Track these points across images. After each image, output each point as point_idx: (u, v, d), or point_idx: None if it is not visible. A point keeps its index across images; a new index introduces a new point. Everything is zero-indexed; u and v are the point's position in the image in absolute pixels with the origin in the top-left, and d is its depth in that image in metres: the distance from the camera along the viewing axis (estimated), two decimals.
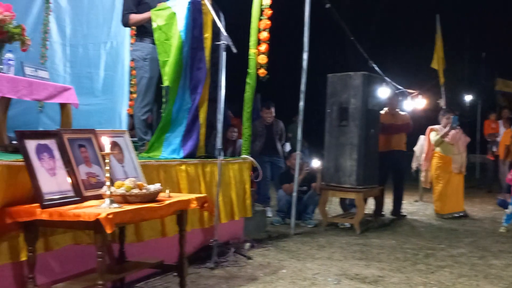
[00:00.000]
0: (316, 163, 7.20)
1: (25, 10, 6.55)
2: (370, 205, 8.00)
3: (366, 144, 6.79)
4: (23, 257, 3.13)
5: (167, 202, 3.40)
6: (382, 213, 7.96)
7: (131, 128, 6.64)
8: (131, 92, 7.07)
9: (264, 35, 5.74)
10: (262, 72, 5.75)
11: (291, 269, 4.70)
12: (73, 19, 7.00)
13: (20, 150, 3.08)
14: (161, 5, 5.18)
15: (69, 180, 3.25)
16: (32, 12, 6.76)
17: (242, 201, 5.62)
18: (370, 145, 6.94)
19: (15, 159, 3.17)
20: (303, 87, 6.35)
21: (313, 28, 6.42)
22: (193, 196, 3.77)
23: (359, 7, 19.25)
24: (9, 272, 3.13)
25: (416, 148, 9.30)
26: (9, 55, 4.38)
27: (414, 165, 9.40)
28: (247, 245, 5.45)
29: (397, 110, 8.15)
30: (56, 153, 3.25)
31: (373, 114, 7.03)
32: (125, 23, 5.40)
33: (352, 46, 10.01)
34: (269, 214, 7.43)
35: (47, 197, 3.03)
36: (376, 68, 9.50)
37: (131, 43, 6.76)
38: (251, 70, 5.75)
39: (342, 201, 7.68)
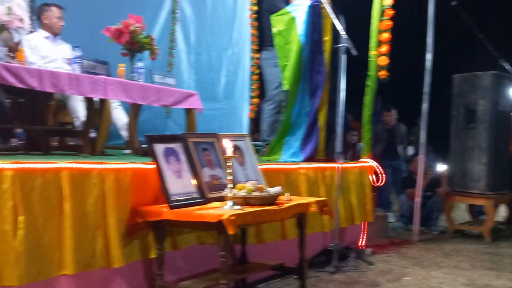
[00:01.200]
0: (441, 167, 6.91)
1: (152, 20, 6.95)
2: (502, 212, 7.51)
3: (496, 147, 6.41)
4: (153, 255, 3.30)
5: (287, 205, 3.42)
6: None
7: (252, 132, 6.78)
8: (252, 97, 7.23)
9: (385, 36, 5.60)
10: (383, 74, 5.62)
11: (415, 276, 4.54)
12: (197, 28, 7.29)
13: (150, 153, 3.25)
14: (281, 11, 5.26)
15: (193, 182, 3.38)
16: (159, 22, 7.15)
17: (363, 206, 5.52)
18: (501, 149, 6.54)
19: (145, 162, 3.36)
20: (426, 88, 6.13)
21: (438, 26, 6.18)
22: (313, 199, 3.76)
23: (489, 2, 18.17)
24: (140, 268, 3.32)
25: None
26: (139, 64, 4.66)
27: None
28: (368, 250, 5.35)
29: None
30: (182, 156, 3.40)
31: (504, 115, 6.62)
32: None
33: (481, 44, 9.46)
34: (391, 219, 7.24)
35: (174, 198, 3.18)
36: (508, 67, 8.91)
37: (252, 49, 6.90)
38: (372, 72, 5.64)
39: (470, 208, 7.30)
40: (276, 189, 3.47)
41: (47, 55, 5.15)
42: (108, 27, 4.57)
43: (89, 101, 4.31)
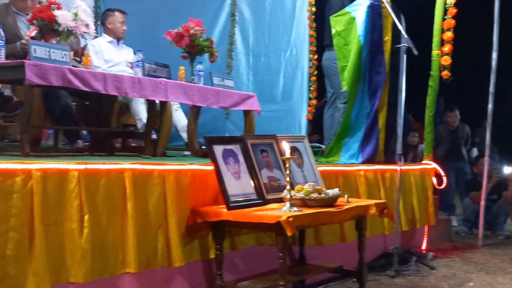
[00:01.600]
0: (507, 169, 6.67)
1: (212, 23, 7.06)
2: None
3: None
4: (212, 255, 3.34)
5: (345, 207, 3.39)
6: None
7: (310, 134, 6.75)
8: (310, 98, 7.20)
9: (448, 35, 5.46)
10: (446, 74, 5.48)
11: (479, 282, 4.40)
12: (255, 30, 7.34)
13: (209, 154, 3.30)
14: (340, 11, 5.22)
15: (252, 183, 3.40)
16: (219, 25, 7.25)
17: (424, 209, 5.40)
18: None
19: (204, 163, 3.41)
20: (492, 88, 5.93)
21: (503, 24, 5.98)
22: (372, 202, 3.71)
23: None
24: (200, 268, 3.36)
25: None
26: (199, 67, 4.73)
27: None
28: (430, 254, 5.23)
29: None
30: (241, 158, 3.43)
31: None
32: None
33: None
34: (454, 223, 7.04)
35: (232, 199, 3.21)
36: None
37: (310, 50, 6.88)
38: (434, 72, 5.52)
39: None
40: (335, 191, 3.44)
41: (111, 59, 5.32)
42: (169, 31, 4.67)
43: (150, 104, 4.41)
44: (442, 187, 5.66)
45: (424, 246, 5.43)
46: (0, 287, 2.43)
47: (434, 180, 5.58)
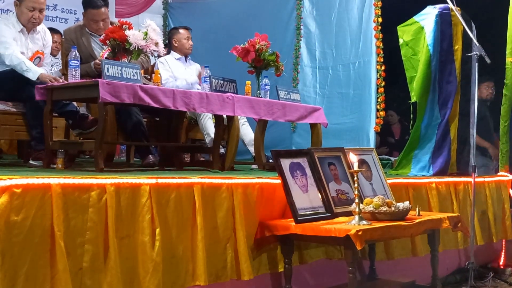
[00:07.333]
0: None
1: (283, 38, 7.14)
2: None
3: None
4: (281, 269, 3.33)
5: (417, 220, 3.31)
6: None
7: (378, 146, 6.63)
8: (377, 110, 7.09)
9: None
10: None
11: None
12: (322, 43, 7.33)
13: (276, 168, 3.30)
14: (408, 21, 5.14)
15: (320, 196, 3.38)
16: (286, 40, 7.30)
17: (501, 222, 5.18)
18: None
19: (271, 177, 3.42)
20: None
21: None
22: (445, 215, 3.60)
23: None
24: (269, 281, 3.36)
25: None
26: (265, 81, 4.77)
27: None
28: (509, 269, 5.01)
29: None
30: (308, 171, 3.41)
31: None
32: None
33: None
34: None
35: (300, 212, 3.19)
36: None
37: (378, 61, 6.79)
38: (508, 81, 5.31)
39: None
40: (405, 204, 3.36)
41: (179, 75, 5.45)
42: (235, 46, 4.73)
43: (218, 118, 4.48)
44: None
45: (502, 261, 5.21)
46: None
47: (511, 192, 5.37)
